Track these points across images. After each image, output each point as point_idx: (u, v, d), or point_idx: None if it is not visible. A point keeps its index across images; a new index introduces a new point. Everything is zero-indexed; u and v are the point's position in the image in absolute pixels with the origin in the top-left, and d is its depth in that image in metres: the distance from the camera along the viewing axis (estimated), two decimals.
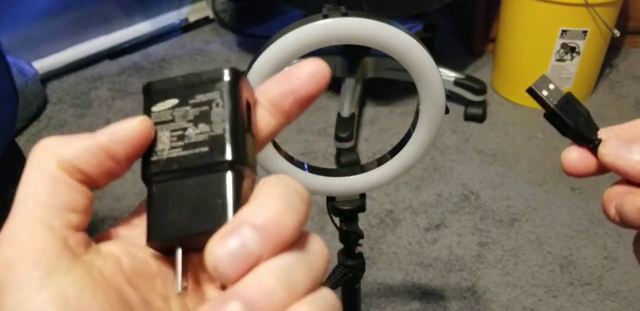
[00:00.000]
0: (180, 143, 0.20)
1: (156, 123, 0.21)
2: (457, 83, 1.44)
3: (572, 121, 0.30)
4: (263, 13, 1.96)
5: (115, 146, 0.21)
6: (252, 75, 0.43)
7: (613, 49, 1.65)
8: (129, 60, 1.77)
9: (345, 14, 0.42)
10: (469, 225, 1.18)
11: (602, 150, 0.28)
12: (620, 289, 1.05)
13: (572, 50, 1.38)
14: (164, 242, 0.20)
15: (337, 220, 0.58)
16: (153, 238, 0.20)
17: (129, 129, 0.21)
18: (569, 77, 1.44)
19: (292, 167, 0.49)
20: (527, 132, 1.42)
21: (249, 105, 0.21)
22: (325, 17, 0.42)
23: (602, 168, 0.29)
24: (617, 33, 1.36)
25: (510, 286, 1.06)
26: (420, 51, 0.43)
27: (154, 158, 0.21)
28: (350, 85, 1.42)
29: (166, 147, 0.20)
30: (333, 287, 0.63)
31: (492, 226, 1.18)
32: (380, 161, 0.51)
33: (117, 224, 0.23)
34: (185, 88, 0.21)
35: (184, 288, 0.20)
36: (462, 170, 1.29)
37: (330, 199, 0.55)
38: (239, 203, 0.19)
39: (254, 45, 1.84)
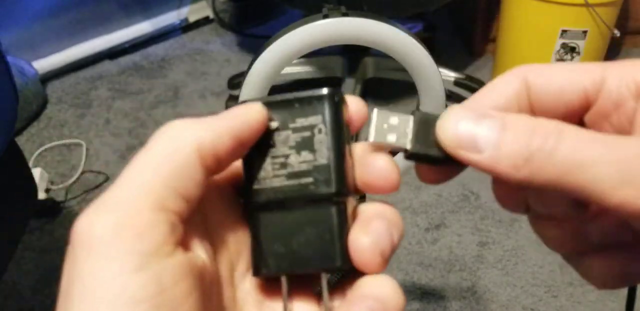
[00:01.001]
0: (282, 171, 0.19)
1: (257, 149, 0.20)
2: (457, 83, 1.44)
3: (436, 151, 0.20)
4: (263, 13, 1.96)
5: (246, 132, 0.19)
6: (252, 75, 0.43)
7: (613, 49, 1.65)
8: (129, 60, 1.77)
9: (345, 14, 0.42)
10: (469, 225, 1.18)
11: (444, 143, 0.19)
12: (620, 289, 1.04)
13: (572, 50, 1.38)
14: (271, 276, 0.20)
15: None
16: (263, 272, 0.19)
17: (254, 114, 0.20)
18: None
19: None
20: None
21: (347, 127, 0.20)
22: (326, 17, 0.42)
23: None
24: (617, 33, 1.36)
25: (511, 286, 1.06)
26: (420, 51, 0.43)
27: (256, 186, 0.19)
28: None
29: (268, 175, 0.19)
30: (333, 287, 0.63)
31: (492, 226, 1.18)
32: None
33: None
34: (285, 110, 0.20)
35: None
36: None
37: None
38: (344, 237, 0.19)
39: (254, 45, 1.84)
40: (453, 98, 1.46)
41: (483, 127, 0.18)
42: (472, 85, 1.44)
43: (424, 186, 1.27)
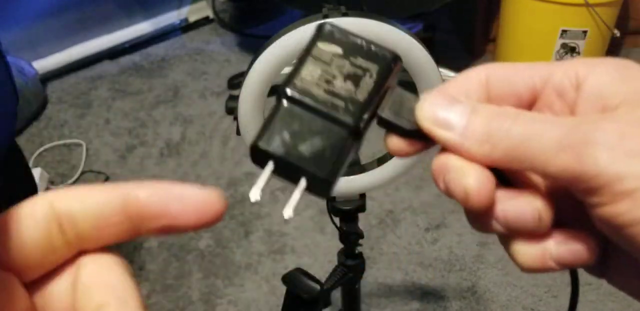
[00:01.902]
0: (324, 86, 0.21)
1: (314, 57, 0.22)
2: None
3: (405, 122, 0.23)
4: (263, 13, 1.96)
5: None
6: (252, 75, 0.43)
7: (613, 49, 1.65)
8: (129, 60, 1.77)
9: (345, 14, 0.42)
10: (469, 225, 1.17)
11: (419, 116, 0.22)
12: (619, 290, 1.05)
13: (572, 50, 1.38)
14: (266, 153, 0.21)
15: (337, 220, 0.58)
16: (260, 144, 0.21)
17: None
18: None
19: None
20: None
21: (387, 89, 0.22)
22: (325, 17, 0.42)
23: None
24: (617, 33, 1.36)
25: (511, 286, 1.06)
26: (420, 51, 0.43)
27: (297, 80, 0.22)
28: None
29: (313, 80, 0.22)
30: (333, 287, 0.63)
31: None
32: (381, 161, 0.50)
33: None
34: (354, 47, 0.22)
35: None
36: None
37: (331, 199, 0.55)
38: (338, 160, 0.21)
39: (254, 45, 1.84)
40: None
41: (456, 109, 0.22)
42: None
43: (424, 186, 1.27)
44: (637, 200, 0.18)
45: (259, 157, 0.22)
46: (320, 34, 0.22)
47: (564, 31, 1.35)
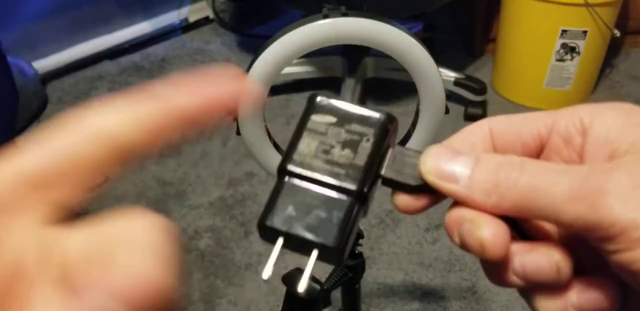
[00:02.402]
0: (323, 156, 0.22)
1: (310, 130, 0.22)
2: (457, 83, 1.44)
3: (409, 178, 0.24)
4: (263, 13, 1.96)
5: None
6: (252, 75, 0.43)
7: (613, 49, 1.65)
8: (129, 60, 1.77)
9: (345, 14, 0.42)
10: None
11: (423, 172, 0.22)
12: None
13: (572, 50, 1.38)
14: (272, 230, 0.22)
15: None
16: (267, 222, 0.21)
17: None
18: (569, 77, 1.44)
19: None
20: None
21: (387, 148, 0.23)
22: (325, 17, 0.42)
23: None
24: (617, 33, 1.36)
25: None
26: (420, 51, 0.43)
27: (295, 155, 0.22)
28: (350, 85, 1.42)
29: (311, 153, 0.22)
30: (333, 287, 0.63)
31: None
32: None
33: None
34: (347, 114, 0.23)
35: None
36: None
37: None
38: (346, 228, 0.21)
39: (254, 45, 1.84)
40: (453, 98, 1.46)
41: (460, 161, 0.22)
42: (472, 85, 1.43)
43: None
44: None
45: (268, 234, 0.22)
46: (311, 106, 0.23)
47: (564, 31, 1.35)
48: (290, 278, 0.62)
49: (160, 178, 1.34)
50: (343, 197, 0.22)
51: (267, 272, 0.21)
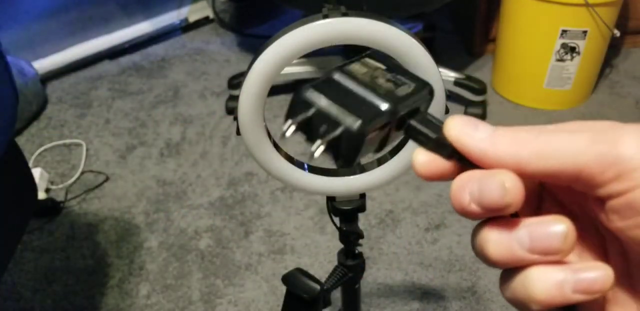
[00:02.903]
0: (370, 78, 0.24)
1: (362, 63, 0.24)
2: (457, 83, 1.44)
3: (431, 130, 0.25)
4: (263, 13, 1.96)
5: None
6: (252, 75, 0.43)
7: (613, 49, 1.65)
8: (129, 60, 1.77)
9: (345, 14, 0.42)
10: (469, 225, 1.17)
11: (448, 125, 0.23)
12: None
13: (572, 50, 1.38)
14: (307, 102, 0.23)
15: (337, 220, 0.58)
16: (306, 92, 0.23)
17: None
18: (569, 77, 1.44)
19: (292, 167, 0.49)
20: None
21: (419, 103, 0.25)
22: (325, 17, 0.42)
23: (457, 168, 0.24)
24: (617, 33, 1.36)
25: None
26: (420, 51, 0.43)
27: (346, 68, 0.24)
28: None
29: (361, 72, 0.24)
30: (333, 287, 0.63)
31: None
32: (380, 161, 0.50)
33: None
34: (396, 67, 0.25)
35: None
36: None
37: (330, 199, 0.55)
38: (371, 123, 0.23)
39: (254, 45, 1.84)
40: (453, 98, 1.46)
41: (482, 125, 0.23)
42: (472, 85, 1.44)
43: (424, 186, 1.27)
44: None
45: (299, 104, 0.23)
46: (368, 54, 0.25)
47: (564, 31, 1.35)
48: (290, 278, 0.62)
49: (160, 178, 1.34)
50: (377, 107, 0.23)
51: (289, 131, 0.23)
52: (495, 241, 0.22)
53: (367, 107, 0.23)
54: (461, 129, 0.23)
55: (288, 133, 0.23)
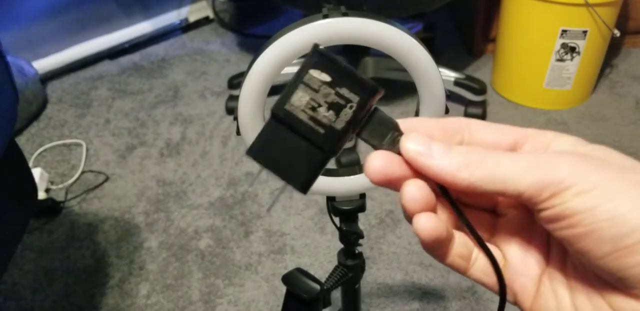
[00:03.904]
0: (310, 112, 0.25)
1: (304, 83, 0.25)
2: (457, 83, 1.44)
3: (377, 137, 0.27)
4: (263, 13, 1.96)
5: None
6: (252, 75, 0.43)
7: (613, 49, 1.65)
8: (129, 60, 1.77)
9: (345, 14, 0.42)
10: None
11: (404, 146, 0.26)
12: None
13: (572, 50, 1.38)
14: (255, 160, 0.27)
15: (337, 220, 0.58)
16: (251, 154, 0.26)
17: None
18: (569, 77, 1.44)
19: None
20: None
21: (367, 114, 0.26)
22: (325, 17, 0.42)
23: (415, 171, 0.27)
24: (617, 33, 1.36)
25: None
26: (420, 51, 0.43)
27: (287, 105, 0.25)
28: None
29: (300, 106, 0.25)
30: (333, 287, 0.63)
31: None
32: None
33: None
34: (340, 77, 0.25)
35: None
36: None
37: (330, 199, 0.55)
38: (313, 173, 0.26)
39: (254, 45, 1.84)
40: (453, 98, 1.46)
41: (436, 145, 0.26)
42: (472, 85, 1.44)
43: None
44: (595, 197, 0.23)
45: (254, 159, 0.26)
46: (313, 60, 0.25)
47: (564, 31, 1.35)
48: (290, 278, 0.62)
49: (160, 178, 1.34)
50: (317, 151, 0.26)
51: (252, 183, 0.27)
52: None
53: (305, 160, 0.26)
54: (416, 154, 0.26)
55: (250, 188, 0.27)
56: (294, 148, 0.26)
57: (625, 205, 0.23)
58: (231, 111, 1.52)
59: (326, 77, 0.25)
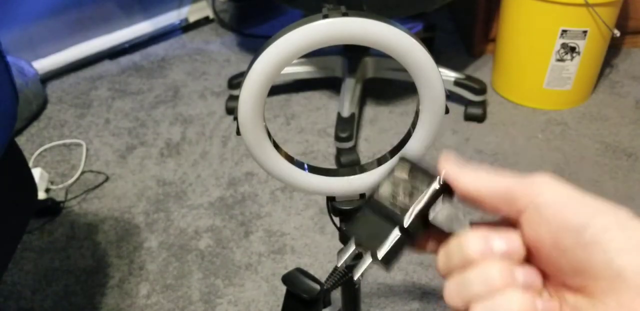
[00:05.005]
0: (391, 199, 0.32)
1: (390, 181, 0.32)
2: (457, 83, 1.44)
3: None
4: (263, 13, 1.96)
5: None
6: (252, 75, 0.43)
7: (613, 49, 1.65)
8: (129, 60, 1.77)
9: (345, 14, 0.42)
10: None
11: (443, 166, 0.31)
12: None
13: (572, 50, 1.38)
14: (350, 235, 0.33)
15: (337, 220, 0.58)
16: (347, 232, 0.33)
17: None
18: (569, 77, 1.44)
19: (292, 166, 0.49)
20: (527, 132, 1.43)
21: (436, 203, 0.32)
22: (325, 17, 0.42)
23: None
24: (617, 33, 1.36)
25: None
26: (420, 51, 0.43)
27: (375, 195, 0.32)
28: (350, 85, 1.42)
29: (386, 195, 0.32)
30: (333, 287, 0.63)
31: None
32: (380, 161, 0.51)
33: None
34: (416, 175, 0.32)
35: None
36: None
37: (330, 199, 0.55)
38: (395, 248, 0.31)
39: (254, 45, 1.84)
40: (453, 98, 1.46)
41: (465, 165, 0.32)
42: (472, 85, 1.44)
43: None
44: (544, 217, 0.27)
45: (345, 237, 0.34)
46: (398, 164, 0.33)
47: (564, 31, 1.35)
48: (290, 278, 0.62)
49: (160, 178, 1.34)
50: (394, 229, 0.31)
51: (357, 274, 0.34)
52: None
53: (385, 234, 0.31)
54: (454, 170, 0.31)
55: (339, 264, 0.36)
56: (377, 227, 0.32)
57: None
58: (231, 111, 1.53)
59: (405, 176, 0.32)
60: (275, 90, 1.57)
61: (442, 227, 0.31)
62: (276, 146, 0.48)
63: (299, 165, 0.50)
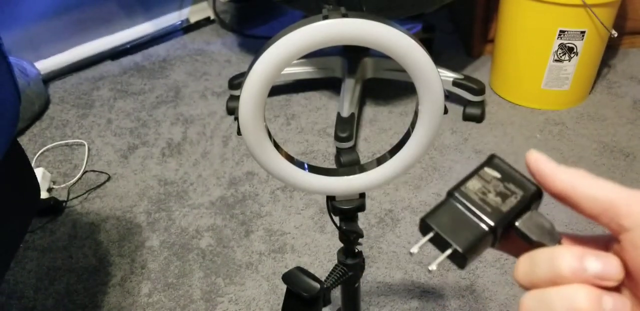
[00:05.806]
0: (481, 196, 0.30)
1: (479, 176, 0.31)
2: (455, 83, 1.45)
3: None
4: (263, 14, 1.97)
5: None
6: (253, 76, 0.44)
7: (611, 50, 1.66)
8: (130, 61, 1.78)
9: (345, 15, 0.43)
10: None
11: (532, 162, 0.29)
12: None
13: (570, 50, 1.39)
14: (430, 223, 0.30)
15: (337, 219, 0.58)
16: (427, 219, 0.31)
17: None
18: (567, 77, 1.44)
19: (292, 166, 0.49)
20: (525, 132, 1.43)
21: (527, 209, 0.30)
22: (325, 18, 0.42)
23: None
24: (614, 33, 1.36)
25: (509, 285, 1.07)
26: (419, 52, 0.43)
27: (462, 188, 0.31)
28: (350, 85, 1.42)
29: (474, 190, 0.31)
30: (333, 286, 0.63)
31: None
32: (380, 161, 0.51)
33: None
34: (509, 176, 0.31)
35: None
36: (461, 169, 1.30)
37: (330, 199, 0.55)
38: (476, 243, 0.30)
39: (255, 45, 1.85)
40: (452, 98, 1.47)
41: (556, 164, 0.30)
42: (471, 85, 1.44)
43: (423, 185, 1.27)
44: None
45: (424, 227, 0.31)
46: (489, 162, 0.32)
47: (562, 32, 1.36)
48: (291, 276, 0.62)
49: (161, 177, 1.34)
50: (483, 226, 0.30)
51: (414, 249, 0.30)
52: None
53: (472, 229, 0.30)
54: (544, 166, 0.29)
55: (413, 250, 0.31)
56: (462, 220, 0.30)
57: None
58: (232, 111, 1.53)
59: (497, 174, 0.31)
60: (276, 90, 1.58)
61: (529, 234, 0.30)
62: (276, 146, 0.49)
63: (299, 164, 0.50)
